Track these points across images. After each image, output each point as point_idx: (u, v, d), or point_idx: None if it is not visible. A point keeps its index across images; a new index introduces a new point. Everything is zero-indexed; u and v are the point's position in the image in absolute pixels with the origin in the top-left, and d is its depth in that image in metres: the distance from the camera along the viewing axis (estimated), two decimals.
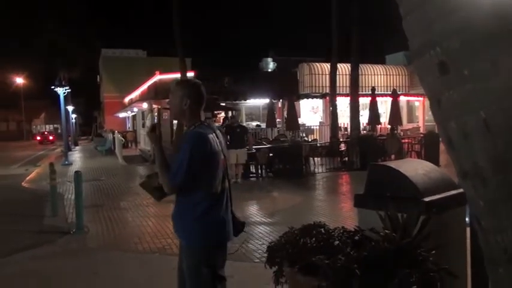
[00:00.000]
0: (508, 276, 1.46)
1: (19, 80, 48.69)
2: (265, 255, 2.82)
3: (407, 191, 3.03)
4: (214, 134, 2.63)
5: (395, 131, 15.58)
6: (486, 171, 1.42)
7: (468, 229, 2.95)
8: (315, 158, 14.14)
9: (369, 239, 2.47)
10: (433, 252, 2.23)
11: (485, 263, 1.58)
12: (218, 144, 2.62)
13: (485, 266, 1.59)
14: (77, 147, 33.42)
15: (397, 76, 24.11)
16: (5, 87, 53.13)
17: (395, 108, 16.14)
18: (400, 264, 2.12)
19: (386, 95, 20.32)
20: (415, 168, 3.39)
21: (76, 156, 24.85)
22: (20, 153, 29.49)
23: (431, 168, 3.47)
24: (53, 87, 20.57)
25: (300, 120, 19.06)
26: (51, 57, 29.99)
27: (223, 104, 20.36)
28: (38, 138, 47.98)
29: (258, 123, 21.99)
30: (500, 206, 1.41)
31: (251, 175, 12.53)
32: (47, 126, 75.54)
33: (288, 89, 19.73)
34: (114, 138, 23.31)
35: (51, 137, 46.99)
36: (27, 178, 14.48)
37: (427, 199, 2.90)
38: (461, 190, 3.03)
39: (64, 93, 20.59)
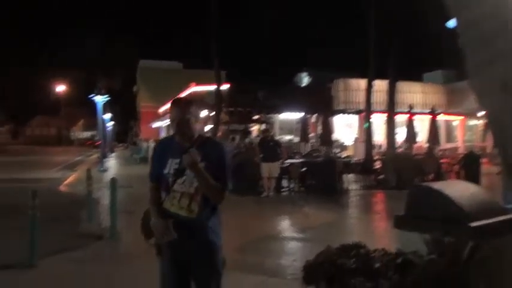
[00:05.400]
0: None
1: (60, 88, 50.95)
2: (297, 271, 2.77)
3: (452, 214, 2.89)
4: None
5: (433, 151, 15.16)
6: None
7: None
8: (349, 175, 13.90)
9: (411, 263, 2.36)
10: (485, 281, 2.10)
11: None
12: None
13: None
14: (113, 154, 34.29)
15: (435, 94, 23.53)
16: (47, 95, 56.00)
17: (433, 126, 15.73)
18: None
19: (423, 113, 19.82)
20: (459, 190, 3.25)
21: (111, 162, 25.44)
22: (58, 158, 30.48)
23: (476, 191, 3.32)
24: (91, 96, 21.24)
25: (334, 136, 18.85)
26: (91, 67, 31.14)
27: (257, 117, 20.41)
28: (88, 142, 59.01)
29: (291, 137, 21.89)
30: None
31: (283, 189, 12.45)
32: (85, 133, 78.16)
33: (322, 104, 19.59)
34: (148, 147, 23.76)
35: (97, 143, 54.88)
36: (65, 182, 14.91)
37: (474, 224, 2.76)
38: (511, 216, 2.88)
39: (102, 102, 21.21)
